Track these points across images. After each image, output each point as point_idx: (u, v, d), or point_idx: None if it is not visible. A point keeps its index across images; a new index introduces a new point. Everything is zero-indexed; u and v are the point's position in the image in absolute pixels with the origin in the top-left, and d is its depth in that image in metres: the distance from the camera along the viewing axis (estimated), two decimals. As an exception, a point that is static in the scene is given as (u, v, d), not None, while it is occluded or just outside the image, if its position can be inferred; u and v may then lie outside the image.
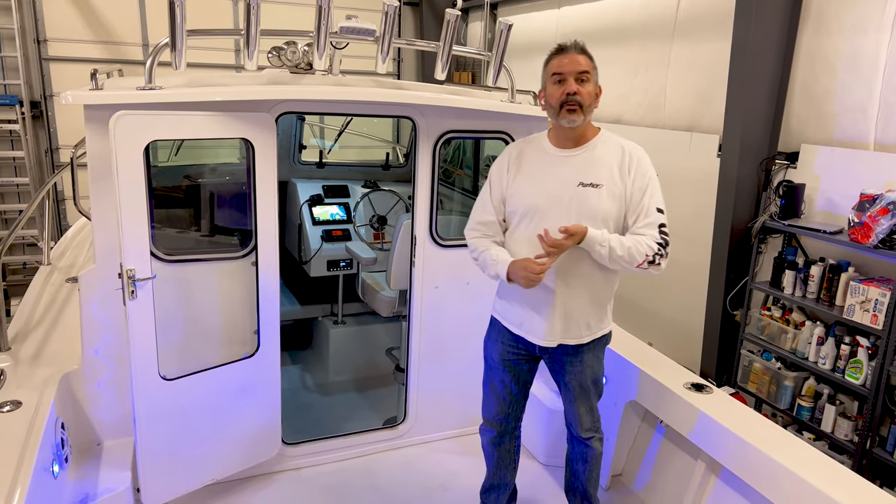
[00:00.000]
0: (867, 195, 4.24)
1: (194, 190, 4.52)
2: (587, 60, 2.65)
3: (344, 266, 5.04)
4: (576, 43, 2.68)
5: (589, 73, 2.63)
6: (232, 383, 3.29)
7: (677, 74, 6.19)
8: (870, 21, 4.50)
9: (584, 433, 2.97)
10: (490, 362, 3.02)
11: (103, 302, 3.10)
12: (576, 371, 2.85)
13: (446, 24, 3.24)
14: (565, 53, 2.66)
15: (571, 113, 2.61)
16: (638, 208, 2.64)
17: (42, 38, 8.26)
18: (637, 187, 2.65)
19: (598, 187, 2.64)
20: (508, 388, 2.97)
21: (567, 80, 2.61)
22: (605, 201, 2.64)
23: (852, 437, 4.42)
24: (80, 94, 2.80)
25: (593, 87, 2.65)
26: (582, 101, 2.60)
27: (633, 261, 2.58)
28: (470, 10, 9.89)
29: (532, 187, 2.73)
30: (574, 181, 2.66)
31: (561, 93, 2.62)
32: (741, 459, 2.85)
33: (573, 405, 2.93)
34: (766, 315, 5.06)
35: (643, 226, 2.63)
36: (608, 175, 2.66)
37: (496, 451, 3.13)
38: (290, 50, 3.36)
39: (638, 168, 2.66)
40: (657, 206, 2.65)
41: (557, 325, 2.74)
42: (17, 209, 8.47)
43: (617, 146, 2.71)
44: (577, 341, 2.79)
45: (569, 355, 2.83)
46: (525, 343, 2.87)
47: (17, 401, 2.83)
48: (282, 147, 5.31)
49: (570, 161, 2.71)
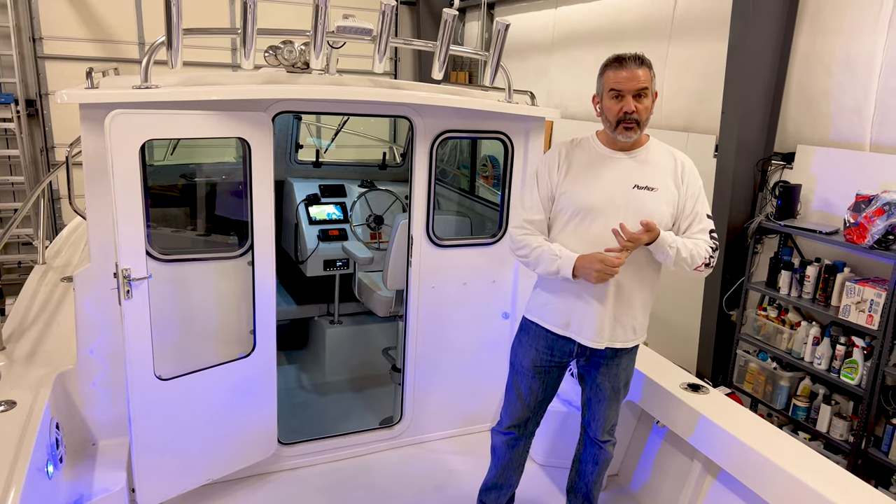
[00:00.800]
0: (863, 196, 4.25)
1: (190, 189, 4.51)
2: (646, 73, 2.58)
3: (340, 266, 5.03)
4: (636, 56, 2.59)
5: (648, 88, 2.59)
6: (228, 383, 3.28)
7: (674, 75, 6.19)
8: (865, 22, 4.51)
9: (603, 435, 2.99)
10: (519, 368, 2.95)
11: (98, 301, 3.09)
12: (611, 374, 2.86)
13: (443, 23, 3.24)
14: (624, 67, 2.57)
15: (628, 130, 2.62)
16: (691, 215, 2.72)
17: (37, 37, 8.23)
18: (690, 194, 2.72)
19: (654, 191, 2.67)
20: (535, 394, 2.93)
21: (626, 98, 2.57)
22: (661, 205, 2.67)
23: (847, 437, 4.43)
24: (75, 92, 2.79)
25: (651, 102, 2.63)
26: (639, 118, 2.60)
27: (693, 263, 2.64)
28: (467, 9, 9.89)
29: (586, 187, 2.71)
30: (629, 183, 2.68)
31: (619, 110, 2.59)
32: (737, 459, 2.86)
33: (601, 406, 2.93)
34: (762, 315, 5.07)
35: (697, 231, 2.71)
36: (662, 180, 2.70)
37: (509, 453, 3.09)
38: (287, 49, 3.35)
39: (690, 176, 2.74)
40: (707, 213, 2.75)
41: (607, 327, 2.73)
42: (11, 208, 8.44)
43: (668, 153, 2.77)
44: (623, 345, 2.79)
45: (608, 358, 2.83)
46: (561, 350, 2.83)
47: (11, 401, 2.82)
48: (278, 146, 5.30)
49: (625, 163, 2.72)
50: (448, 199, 5.35)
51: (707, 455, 3.07)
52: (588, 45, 7.39)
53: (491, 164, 5.18)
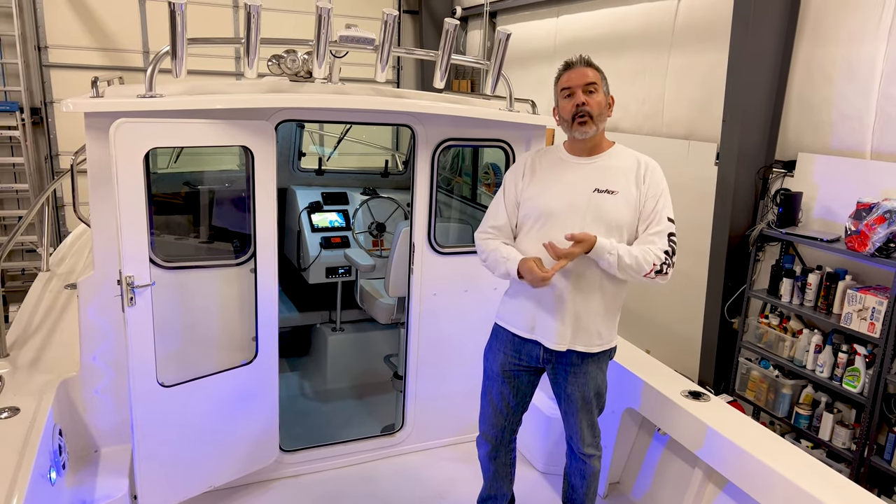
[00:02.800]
0: (864, 204, 4.26)
1: (194, 197, 4.53)
2: (594, 72, 2.72)
3: (342, 273, 5.05)
4: (581, 57, 2.75)
5: (596, 83, 2.70)
6: (230, 390, 3.29)
7: (675, 83, 6.22)
8: (866, 30, 4.53)
9: (585, 448, 2.96)
10: (489, 373, 3.00)
11: (102, 308, 3.11)
12: (579, 382, 2.84)
13: (445, 33, 3.26)
14: (572, 68, 2.74)
15: (583, 125, 2.69)
16: (650, 216, 2.71)
17: (43, 45, 8.28)
18: (650, 195, 2.72)
19: (614, 194, 2.70)
20: (506, 399, 2.96)
21: (575, 92, 2.69)
22: (620, 208, 2.69)
23: (850, 445, 4.42)
24: (81, 101, 2.81)
25: (603, 98, 2.72)
26: (591, 111, 2.67)
27: (640, 269, 2.62)
28: (469, 18, 9.94)
29: (548, 192, 2.77)
30: (590, 187, 2.72)
31: (571, 105, 2.70)
32: (739, 467, 2.85)
33: (575, 417, 2.91)
34: (764, 323, 5.07)
35: (654, 233, 2.69)
36: (624, 183, 2.72)
37: (492, 464, 3.12)
38: (290, 58, 3.38)
39: (652, 178, 2.75)
40: (668, 216, 2.73)
41: (568, 329, 2.75)
42: (16, 215, 8.48)
43: (632, 157, 2.80)
44: (586, 349, 2.79)
45: (574, 365, 2.82)
46: (528, 354, 2.86)
47: (15, 407, 2.83)
48: (281, 154, 5.33)
49: (586, 168, 2.77)
50: (450, 206, 5.37)
51: (708, 463, 3.06)
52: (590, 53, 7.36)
53: (493, 172, 5.20)
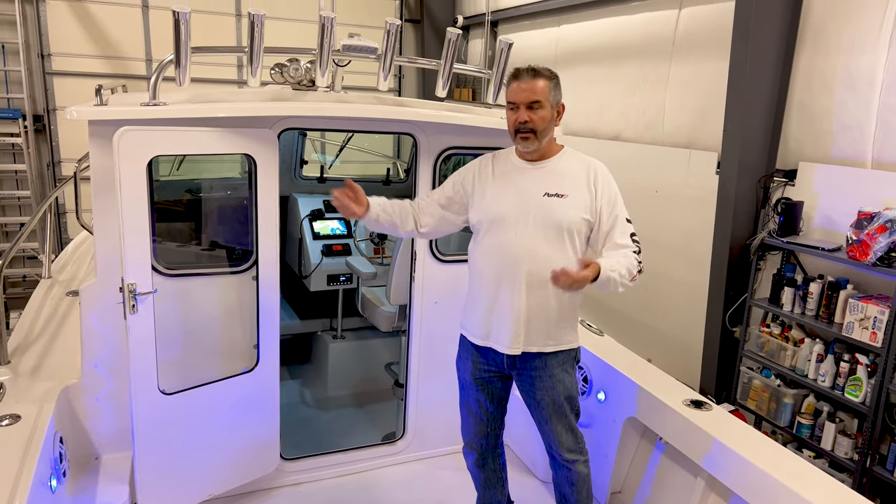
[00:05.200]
0: (865, 213, 4.26)
1: (196, 204, 4.54)
2: (544, 83, 2.65)
3: (344, 281, 5.05)
4: (529, 68, 2.68)
5: (540, 101, 2.65)
6: (231, 398, 3.29)
7: (676, 92, 6.23)
8: (867, 40, 4.55)
9: (566, 454, 2.90)
10: (463, 383, 3.02)
11: (104, 316, 3.11)
12: (546, 386, 2.82)
13: (447, 42, 3.28)
14: (518, 80, 2.68)
15: (525, 140, 2.70)
16: (610, 219, 2.72)
17: (46, 53, 8.33)
18: (605, 200, 2.73)
19: (563, 197, 2.71)
20: (484, 406, 2.97)
21: (519, 108, 2.67)
22: (570, 211, 2.70)
23: (852, 454, 4.40)
24: (84, 109, 2.83)
25: (548, 112, 2.68)
26: (535, 127, 2.67)
27: (631, 276, 2.62)
28: (470, 27, 9.98)
29: (499, 198, 2.79)
30: (539, 191, 2.73)
31: (514, 120, 2.70)
32: (740, 477, 2.85)
33: (549, 424, 2.88)
34: (766, 332, 5.06)
35: (619, 237, 2.70)
36: (572, 186, 2.73)
37: (482, 473, 3.12)
38: (293, 67, 3.40)
39: (604, 182, 2.76)
40: (626, 217, 2.75)
41: (522, 333, 2.75)
42: (18, 222, 8.50)
43: (581, 161, 2.81)
44: (539, 349, 2.78)
45: (537, 369, 2.81)
46: (493, 359, 2.87)
47: (16, 414, 2.83)
48: (283, 162, 5.34)
49: (535, 173, 2.78)
50: None
51: (710, 472, 3.05)
52: (590, 62, 7.45)
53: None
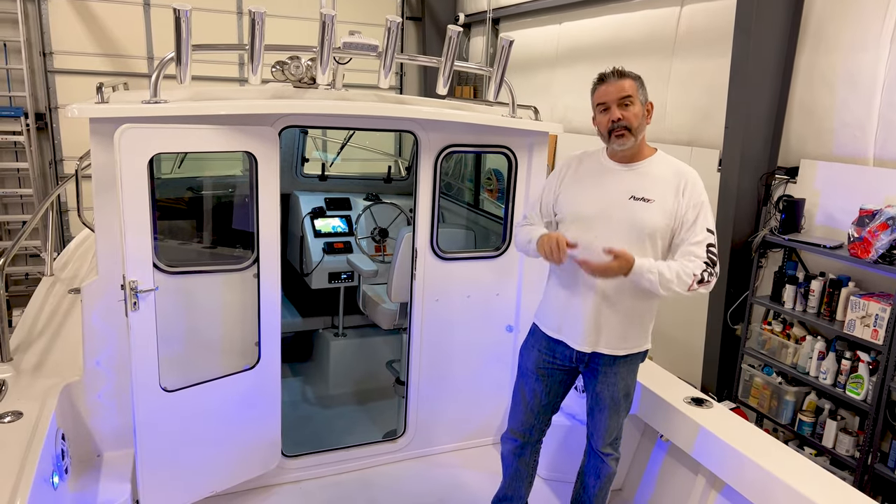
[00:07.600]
0: (866, 210, 4.25)
1: (197, 202, 4.55)
2: (631, 83, 2.70)
3: (345, 278, 5.05)
4: (615, 70, 2.73)
5: (632, 96, 2.69)
6: (232, 395, 3.29)
7: (677, 90, 6.23)
8: (868, 38, 4.54)
9: (604, 448, 2.99)
10: (523, 370, 3.05)
11: (105, 313, 3.12)
12: (609, 383, 2.87)
13: (448, 39, 3.28)
14: (606, 82, 2.73)
15: (620, 138, 2.70)
16: (690, 228, 2.70)
17: (48, 51, 8.33)
18: (691, 206, 2.71)
19: (649, 202, 2.70)
20: (538, 397, 3.00)
21: (611, 107, 2.69)
22: (655, 216, 2.69)
23: (854, 452, 4.40)
24: (86, 107, 2.83)
25: (640, 108, 2.71)
26: (628, 124, 2.68)
27: (683, 284, 2.60)
28: (472, 25, 9.97)
29: (583, 196, 2.82)
30: (626, 194, 2.73)
31: (607, 120, 2.71)
32: (742, 475, 2.85)
33: (602, 415, 2.94)
34: (767, 329, 5.06)
35: (693, 244, 2.67)
36: (661, 192, 2.72)
37: (516, 462, 3.14)
38: (294, 64, 3.40)
39: (693, 189, 2.73)
40: (708, 227, 2.71)
41: (592, 333, 2.79)
42: (20, 220, 8.51)
43: (673, 166, 2.79)
44: (612, 352, 2.81)
45: (605, 365, 2.85)
46: (562, 354, 2.90)
47: (18, 411, 2.83)
48: (284, 160, 5.35)
49: (624, 174, 2.78)
50: (452, 212, 5.38)
51: (711, 470, 3.05)
52: (592, 60, 7.43)
53: (495, 178, 5.21)
